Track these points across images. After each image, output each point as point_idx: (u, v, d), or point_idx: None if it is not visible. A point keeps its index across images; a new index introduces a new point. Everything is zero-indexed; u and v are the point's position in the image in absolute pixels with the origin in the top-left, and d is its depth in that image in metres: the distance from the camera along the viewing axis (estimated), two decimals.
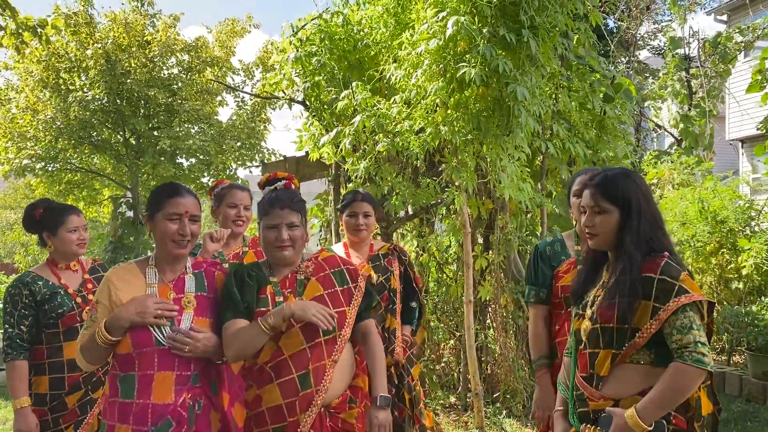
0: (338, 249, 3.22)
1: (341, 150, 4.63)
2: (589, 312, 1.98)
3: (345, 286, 2.31)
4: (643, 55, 16.55)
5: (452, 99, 4.14)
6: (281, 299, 2.23)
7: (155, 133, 13.99)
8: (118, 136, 14.45)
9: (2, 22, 5.34)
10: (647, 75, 15.52)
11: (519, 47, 3.96)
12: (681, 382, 1.75)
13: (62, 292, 2.77)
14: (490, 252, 4.96)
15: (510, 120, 4.00)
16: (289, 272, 2.30)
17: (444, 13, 3.97)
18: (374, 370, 2.34)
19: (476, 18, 3.92)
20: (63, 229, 2.79)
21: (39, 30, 5.50)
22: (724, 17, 14.92)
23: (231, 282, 2.22)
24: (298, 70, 5.11)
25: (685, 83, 12.13)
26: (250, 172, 15.71)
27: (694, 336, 1.75)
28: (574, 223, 2.96)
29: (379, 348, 2.38)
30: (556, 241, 2.82)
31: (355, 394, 2.28)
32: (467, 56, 3.92)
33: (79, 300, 2.79)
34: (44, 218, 2.81)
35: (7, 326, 2.69)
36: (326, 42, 4.93)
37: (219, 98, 14.88)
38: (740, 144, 14.77)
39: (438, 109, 4.25)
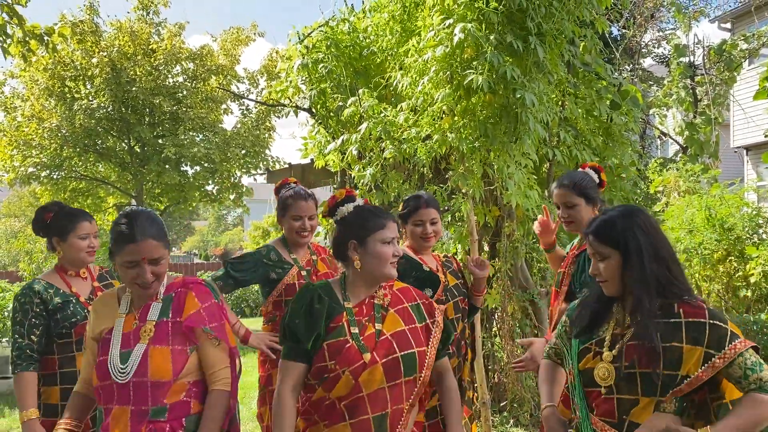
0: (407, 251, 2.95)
1: (347, 157, 4.62)
2: (608, 353, 1.88)
3: (423, 323, 2.11)
4: (647, 62, 16.56)
5: (459, 106, 4.12)
6: (356, 330, 2.01)
7: (160, 141, 14.04)
8: (123, 144, 14.50)
9: (9, 30, 5.36)
10: (651, 83, 15.52)
11: (526, 54, 3.95)
12: (765, 413, 1.73)
13: (74, 301, 2.68)
14: (497, 259, 4.93)
15: (517, 127, 3.98)
16: (365, 297, 2.09)
17: (451, 20, 3.97)
18: (452, 415, 2.16)
19: (483, 25, 3.91)
20: (73, 236, 2.68)
21: (46, 38, 5.52)
22: (728, 25, 14.93)
23: (297, 311, 2.02)
24: (304, 78, 5.12)
25: (690, 91, 12.11)
26: (255, 179, 15.74)
27: None
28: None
29: (456, 389, 2.20)
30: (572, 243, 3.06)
31: (418, 429, 2.15)
32: (474, 63, 3.91)
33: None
34: (54, 223, 2.70)
35: (17, 336, 2.60)
36: (332, 49, 4.93)
37: (224, 106, 14.93)
38: (745, 152, 14.75)
39: (445, 116, 4.24)
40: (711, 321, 1.77)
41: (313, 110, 5.29)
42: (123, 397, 1.96)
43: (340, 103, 4.94)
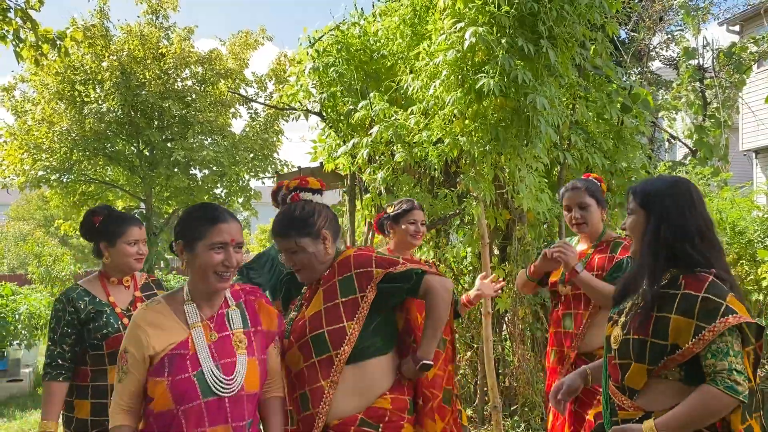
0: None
1: (358, 160, 4.63)
2: (622, 319, 1.92)
3: (350, 297, 2.03)
4: (656, 65, 16.49)
5: (470, 109, 4.12)
6: (295, 314, 2.17)
7: (169, 144, 14.10)
8: (133, 148, 14.57)
9: (22, 35, 5.40)
10: (659, 86, 15.45)
11: (537, 57, 3.96)
12: (710, 406, 1.67)
13: (108, 311, 2.55)
14: (507, 263, 4.92)
15: (528, 130, 3.98)
16: (314, 281, 2.18)
17: (462, 24, 3.97)
18: (424, 330, 2.08)
19: (494, 28, 3.91)
20: (122, 241, 2.55)
21: (58, 42, 5.56)
22: (737, 27, 14.86)
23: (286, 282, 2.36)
24: (314, 81, 5.13)
25: (699, 94, 12.06)
26: (263, 183, 15.77)
27: (730, 363, 1.67)
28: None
29: (439, 307, 2.06)
30: (569, 241, 3.16)
31: (374, 416, 2.01)
32: (485, 67, 3.91)
33: (126, 321, 2.52)
34: (103, 227, 2.58)
35: (50, 343, 2.53)
36: (343, 53, 4.94)
37: (232, 110, 14.97)
38: (754, 155, 14.66)
39: (456, 119, 4.24)
40: (704, 294, 1.72)
41: (324, 114, 5.31)
42: (219, 416, 1.78)
43: (351, 107, 4.95)
